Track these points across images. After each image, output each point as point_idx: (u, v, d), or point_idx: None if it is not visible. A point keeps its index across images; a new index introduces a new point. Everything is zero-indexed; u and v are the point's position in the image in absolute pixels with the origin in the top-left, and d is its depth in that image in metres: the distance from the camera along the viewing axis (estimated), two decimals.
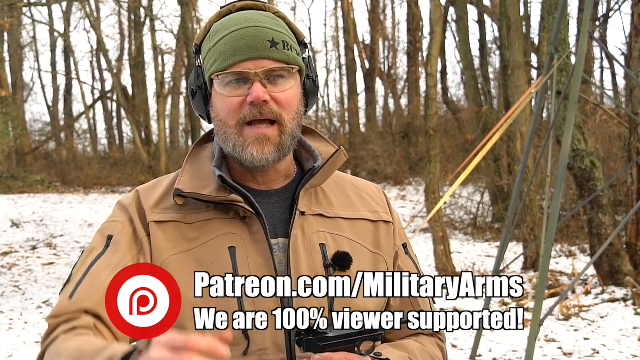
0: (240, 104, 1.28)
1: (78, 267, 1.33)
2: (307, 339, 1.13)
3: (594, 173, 7.11)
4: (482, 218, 12.97)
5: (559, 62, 4.65)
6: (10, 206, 15.32)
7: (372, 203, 1.43)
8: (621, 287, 7.03)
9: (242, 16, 1.32)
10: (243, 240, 1.29)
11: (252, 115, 1.27)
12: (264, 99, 1.25)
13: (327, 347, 1.13)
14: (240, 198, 1.30)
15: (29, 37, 24.31)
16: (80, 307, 1.26)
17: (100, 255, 1.31)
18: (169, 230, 1.31)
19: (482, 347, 5.23)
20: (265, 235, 1.29)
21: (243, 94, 1.28)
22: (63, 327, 1.25)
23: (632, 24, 8.05)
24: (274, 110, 1.27)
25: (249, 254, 1.28)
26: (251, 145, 1.28)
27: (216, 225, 1.31)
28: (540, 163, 6.70)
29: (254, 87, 1.26)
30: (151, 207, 1.34)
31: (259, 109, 1.26)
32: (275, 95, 1.28)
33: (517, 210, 4.82)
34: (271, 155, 1.28)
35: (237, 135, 1.29)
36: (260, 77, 1.26)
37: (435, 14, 8.81)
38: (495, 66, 16.22)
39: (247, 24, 1.30)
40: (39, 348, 1.29)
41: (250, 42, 1.27)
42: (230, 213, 1.32)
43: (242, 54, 1.27)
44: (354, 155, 18.02)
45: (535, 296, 3.78)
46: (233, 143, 1.29)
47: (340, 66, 23.86)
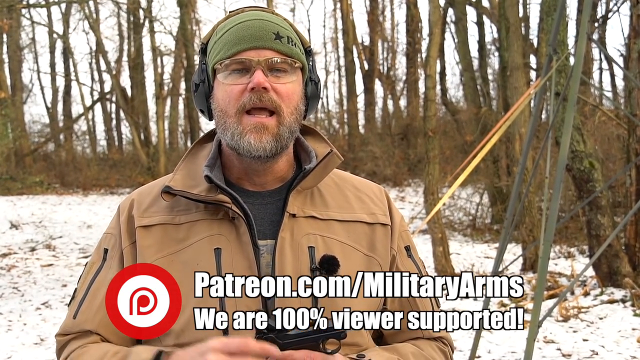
0: (241, 92, 1.29)
1: (81, 283, 1.38)
2: (267, 337, 1.13)
3: (592, 174, 7.12)
4: (481, 219, 12.97)
5: (558, 63, 4.65)
6: (9, 207, 15.31)
7: (371, 205, 1.42)
8: (620, 288, 7.04)
9: (249, 12, 1.35)
10: (229, 242, 1.29)
11: (252, 102, 1.27)
12: (264, 86, 1.26)
13: (289, 345, 1.13)
14: (227, 199, 1.30)
15: (28, 39, 24.34)
16: (83, 328, 1.33)
17: (99, 270, 1.37)
18: (156, 233, 1.33)
19: (481, 348, 5.23)
20: (251, 237, 1.29)
21: (244, 82, 1.29)
22: (73, 343, 1.33)
23: (630, 25, 8.06)
24: (273, 99, 1.28)
25: (233, 256, 1.28)
26: (249, 133, 1.28)
27: (204, 226, 1.31)
28: (539, 164, 6.70)
29: (255, 74, 1.27)
30: (142, 211, 1.36)
31: (258, 96, 1.27)
32: (275, 86, 1.29)
33: (516, 212, 4.82)
34: (268, 144, 1.28)
35: (236, 124, 1.29)
36: (262, 65, 1.28)
37: (434, 15, 8.82)
38: (494, 67, 16.24)
39: (253, 17, 1.32)
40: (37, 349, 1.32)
41: (255, 32, 1.29)
42: (219, 214, 1.32)
43: (246, 42, 1.29)
44: (353, 156, 18.02)
45: (534, 297, 3.78)
46: (231, 132, 1.30)
47: (339, 67, 23.89)
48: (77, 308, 1.34)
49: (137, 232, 1.33)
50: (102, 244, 1.39)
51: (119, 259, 1.34)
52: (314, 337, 1.14)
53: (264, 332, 1.13)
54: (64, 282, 8.33)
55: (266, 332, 1.13)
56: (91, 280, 1.35)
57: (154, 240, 1.32)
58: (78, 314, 1.33)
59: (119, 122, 24.49)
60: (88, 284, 1.35)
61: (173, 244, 1.31)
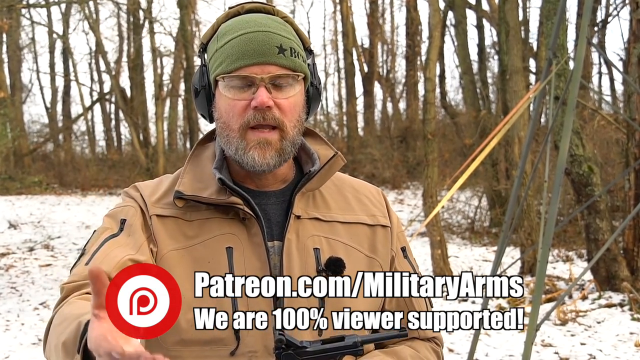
0: (244, 108, 1.28)
1: (92, 242, 1.32)
2: (286, 353, 1.13)
3: (591, 178, 7.12)
4: (480, 222, 12.97)
5: (557, 67, 4.66)
6: (8, 207, 15.29)
7: (371, 206, 1.43)
8: (618, 292, 7.04)
9: (251, 19, 1.32)
10: (241, 242, 1.30)
11: (256, 120, 1.28)
12: (267, 105, 1.26)
13: None
14: (240, 200, 1.30)
15: (27, 39, 24.30)
16: None
17: (114, 235, 1.30)
18: (169, 225, 1.32)
19: (478, 351, 5.23)
20: (263, 238, 1.30)
21: (247, 98, 1.28)
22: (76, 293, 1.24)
23: (630, 30, 8.07)
24: (276, 116, 1.28)
25: (245, 256, 1.29)
26: (253, 149, 1.29)
27: (215, 225, 1.32)
28: (538, 168, 6.70)
29: (258, 92, 1.27)
30: (153, 201, 1.35)
31: (262, 114, 1.27)
32: (279, 102, 1.28)
33: (515, 215, 4.82)
34: (272, 159, 1.29)
35: (240, 139, 1.29)
36: (266, 82, 1.27)
37: (434, 18, 8.83)
38: (494, 71, 16.23)
39: (256, 28, 1.30)
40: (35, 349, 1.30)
41: (258, 46, 1.28)
42: (230, 214, 1.32)
43: (250, 58, 1.27)
44: (352, 158, 18.02)
45: (532, 301, 3.79)
46: (235, 146, 1.30)
47: (338, 70, 23.91)
48: (90, 257, 1.26)
49: (153, 220, 1.32)
50: (119, 215, 1.33)
51: (140, 227, 1.30)
52: (332, 354, 1.14)
53: (283, 348, 1.13)
54: (62, 282, 8.32)
55: (285, 349, 1.13)
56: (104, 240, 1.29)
57: (167, 231, 1.31)
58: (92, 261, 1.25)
59: (118, 122, 24.48)
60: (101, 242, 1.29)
61: (185, 239, 1.31)
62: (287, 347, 1.13)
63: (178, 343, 1.27)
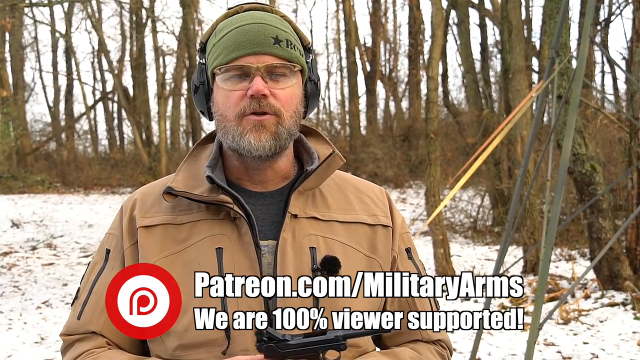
0: (240, 97, 1.29)
1: (84, 283, 1.39)
2: (267, 346, 1.14)
3: (594, 177, 7.11)
4: (482, 221, 12.96)
5: (560, 66, 4.65)
6: (11, 206, 15.31)
7: (372, 206, 1.42)
8: (621, 291, 7.03)
9: (248, 14, 1.34)
10: (231, 242, 1.30)
11: (252, 108, 1.28)
12: (263, 93, 1.26)
13: (288, 355, 1.14)
14: (229, 199, 1.30)
15: (30, 38, 24.35)
16: (88, 329, 1.34)
17: (101, 270, 1.37)
18: (158, 233, 1.33)
19: (481, 350, 5.22)
20: (252, 237, 1.29)
21: (244, 88, 1.29)
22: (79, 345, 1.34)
23: (633, 29, 8.06)
24: (272, 104, 1.28)
25: (235, 256, 1.29)
26: (249, 133, 1.29)
27: (206, 226, 1.32)
28: (541, 167, 6.70)
29: (254, 80, 1.27)
30: (144, 211, 1.36)
31: (258, 102, 1.27)
32: (275, 92, 1.29)
33: (517, 214, 4.81)
34: (267, 142, 1.29)
35: (236, 126, 1.30)
36: (262, 71, 1.27)
37: (436, 17, 8.81)
38: (496, 70, 16.22)
39: (252, 21, 1.31)
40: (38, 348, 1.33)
41: (253, 37, 1.29)
42: (221, 214, 1.32)
43: (245, 48, 1.28)
44: (355, 157, 18.02)
45: (535, 300, 3.78)
46: (232, 134, 1.30)
47: (341, 68, 23.88)
48: (81, 309, 1.35)
49: (139, 232, 1.33)
50: (104, 245, 1.40)
51: (120, 260, 1.35)
52: (314, 347, 1.15)
53: (265, 341, 1.14)
54: (65, 281, 8.33)
55: (267, 341, 1.14)
56: (94, 281, 1.36)
57: (155, 240, 1.32)
58: (82, 314, 1.34)
59: (121, 121, 24.49)
60: (91, 284, 1.36)
61: (175, 244, 1.31)
62: (268, 340, 1.14)
63: (178, 347, 1.28)
